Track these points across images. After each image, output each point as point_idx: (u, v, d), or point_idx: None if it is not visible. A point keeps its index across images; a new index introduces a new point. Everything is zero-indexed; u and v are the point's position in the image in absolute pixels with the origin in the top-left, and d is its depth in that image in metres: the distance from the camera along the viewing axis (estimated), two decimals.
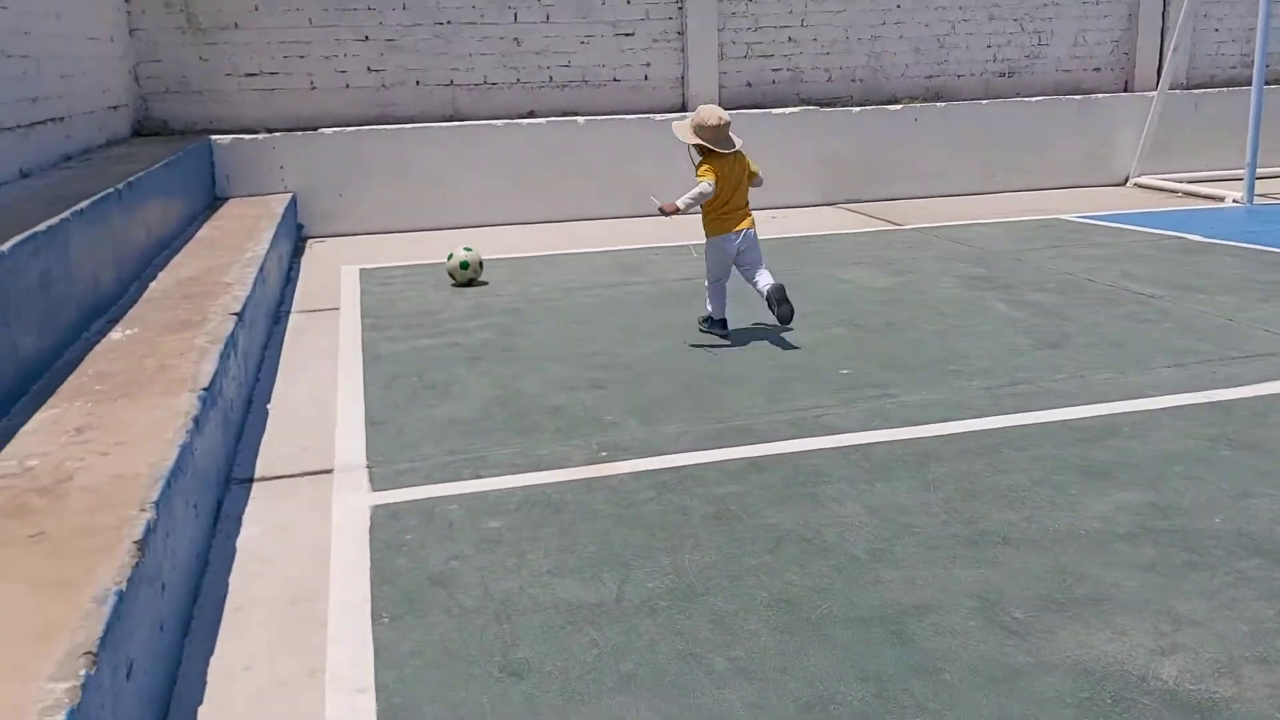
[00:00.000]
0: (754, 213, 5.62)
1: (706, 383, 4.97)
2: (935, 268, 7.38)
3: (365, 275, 7.71)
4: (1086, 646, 2.67)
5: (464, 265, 7.09)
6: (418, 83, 10.11)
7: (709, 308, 5.76)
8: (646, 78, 10.62)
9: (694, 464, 3.98)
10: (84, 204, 4.82)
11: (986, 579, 3.05)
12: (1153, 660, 2.61)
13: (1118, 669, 2.58)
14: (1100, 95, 11.47)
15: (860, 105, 10.90)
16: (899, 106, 10.73)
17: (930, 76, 11.43)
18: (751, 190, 5.61)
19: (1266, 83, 10.22)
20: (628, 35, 10.48)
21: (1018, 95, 11.59)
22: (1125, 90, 12.03)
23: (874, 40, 11.16)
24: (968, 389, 4.75)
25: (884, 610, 2.89)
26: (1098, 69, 11.97)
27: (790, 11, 10.84)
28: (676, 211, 5.37)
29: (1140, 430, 4.17)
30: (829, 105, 10.88)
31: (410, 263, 8.10)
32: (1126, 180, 11.46)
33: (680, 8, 10.53)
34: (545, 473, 3.95)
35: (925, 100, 11.26)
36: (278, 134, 9.39)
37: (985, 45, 11.52)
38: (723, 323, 5.74)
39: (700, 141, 5.39)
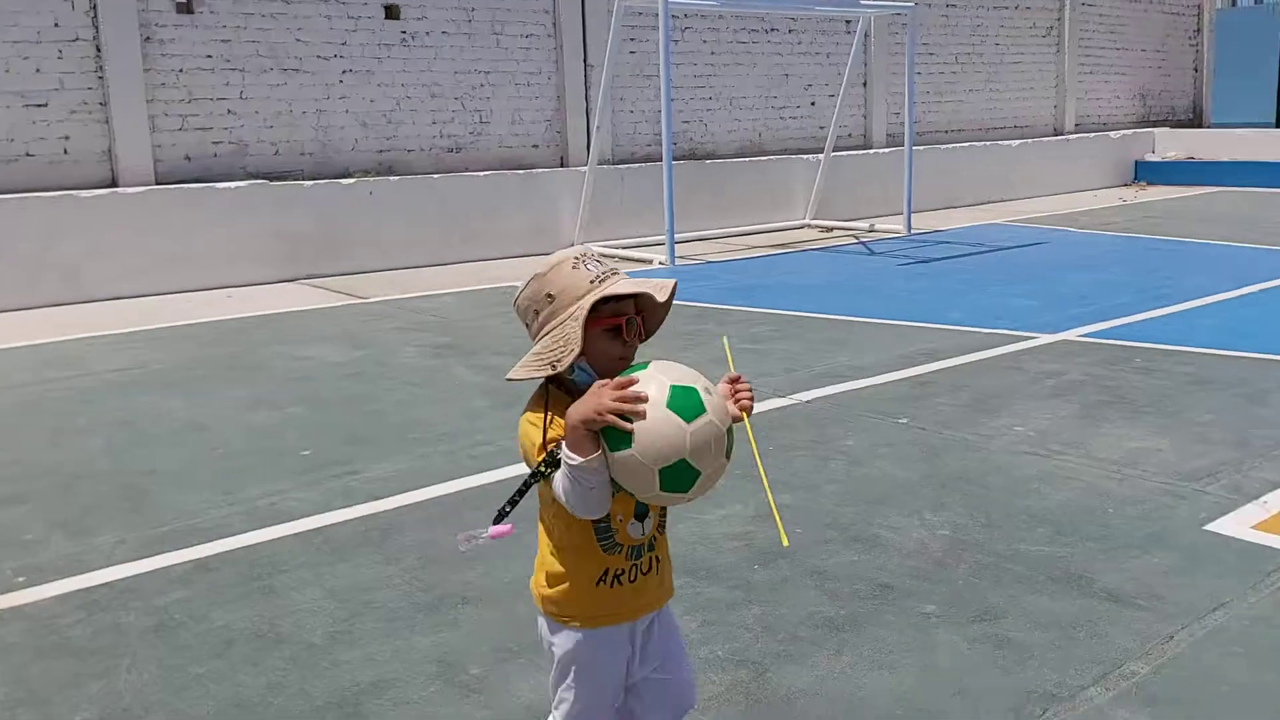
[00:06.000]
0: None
1: (146, 482, 4.53)
2: (398, 339, 7.43)
3: None
4: (534, 692, 2.78)
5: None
6: None
7: None
8: (66, 151, 9.61)
9: (132, 575, 3.59)
10: None
11: (446, 642, 3.07)
12: None
13: None
14: (540, 170, 12.38)
15: (312, 179, 10.76)
16: (352, 180, 10.75)
17: (381, 151, 11.60)
18: None
19: (675, 158, 11.69)
20: (40, 106, 9.43)
21: (466, 170, 12.15)
22: (562, 165, 13.09)
23: (320, 114, 11.09)
24: (430, 455, 4.80)
25: (342, 695, 2.79)
26: (536, 146, 12.92)
27: (227, 84, 10.43)
28: None
29: None
30: (280, 179, 10.60)
31: None
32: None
33: (100, 77, 9.69)
34: None
35: (379, 174, 11.40)
36: None
37: (431, 122, 11.94)
38: None
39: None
